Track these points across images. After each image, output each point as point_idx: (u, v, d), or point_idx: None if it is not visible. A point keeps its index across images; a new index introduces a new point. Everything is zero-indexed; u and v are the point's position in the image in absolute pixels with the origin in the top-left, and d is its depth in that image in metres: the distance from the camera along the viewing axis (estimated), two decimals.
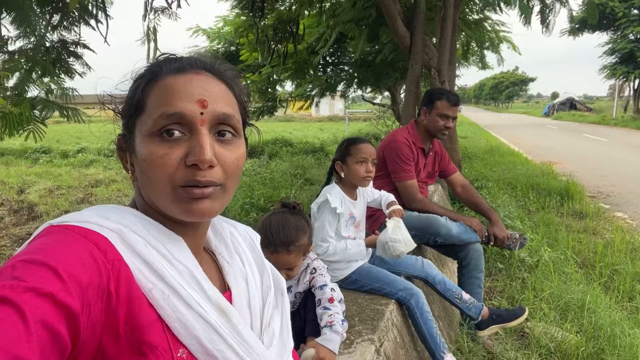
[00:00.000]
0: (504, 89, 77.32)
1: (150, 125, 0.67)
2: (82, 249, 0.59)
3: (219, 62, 0.76)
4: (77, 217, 0.65)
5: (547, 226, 5.17)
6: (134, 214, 0.71)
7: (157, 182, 0.67)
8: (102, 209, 0.69)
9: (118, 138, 0.75)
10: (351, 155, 2.18)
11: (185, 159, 0.66)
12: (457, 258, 2.88)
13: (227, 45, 11.35)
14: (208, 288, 0.70)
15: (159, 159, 0.66)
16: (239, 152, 0.73)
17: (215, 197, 0.70)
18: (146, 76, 0.71)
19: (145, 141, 0.67)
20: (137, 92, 0.70)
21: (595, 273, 3.90)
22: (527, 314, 2.61)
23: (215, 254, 0.84)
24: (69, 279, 0.53)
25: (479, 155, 11.18)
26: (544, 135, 21.23)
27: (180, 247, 0.71)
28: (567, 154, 13.31)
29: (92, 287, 0.56)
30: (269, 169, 10.01)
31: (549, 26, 6.66)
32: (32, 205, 8.74)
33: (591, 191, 8.01)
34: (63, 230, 0.61)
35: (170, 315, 0.64)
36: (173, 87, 0.68)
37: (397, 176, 2.90)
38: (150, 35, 4.05)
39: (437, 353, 2.08)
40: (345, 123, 27.49)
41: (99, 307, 0.57)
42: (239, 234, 0.90)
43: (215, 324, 0.67)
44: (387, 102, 15.77)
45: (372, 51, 8.49)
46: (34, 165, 14.49)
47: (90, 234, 0.62)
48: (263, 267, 0.89)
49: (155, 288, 0.64)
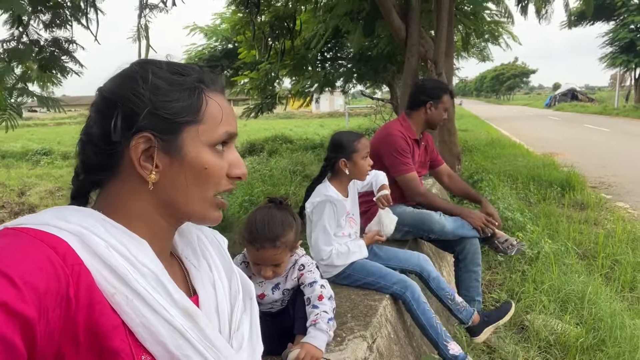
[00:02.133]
0: (505, 80, 76.96)
1: (211, 138, 0.72)
2: (39, 253, 0.56)
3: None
4: (34, 219, 0.62)
5: (548, 217, 5.13)
6: (95, 216, 0.68)
7: (206, 187, 0.72)
8: (61, 211, 0.66)
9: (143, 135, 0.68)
10: (357, 152, 2.14)
11: (229, 171, 0.74)
12: (453, 252, 2.85)
13: (224, 42, 11.32)
14: (174, 292, 0.67)
15: (219, 169, 0.73)
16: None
17: None
18: (198, 86, 0.73)
19: (204, 150, 0.71)
20: (192, 99, 0.71)
21: (596, 264, 3.87)
22: (513, 308, 2.59)
23: (182, 258, 0.82)
24: (25, 286, 0.51)
25: (480, 148, 11.12)
26: (545, 126, 21.13)
27: (144, 250, 0.68)
28: (568, 144, 13.23)
29: (50, 294, 0.54)
30: (268, 166, 9.99)
31: (544, 17, 6.60)
32: (33, 207, 8.75)
33: (593, 182, 7.95)
34: (18, 234, 0.58)
35: (134, 320, 0.62)
36: (227, 108, 0.76)
37: (397, 170, 2.84)
38: (141, 33, 4.01)
39: (441, 342, 2.06)
40: (345, 119, 27.43)
41: (57, 314, 0.55)
42: (206, 237, 0.88)
43: (181, 329, 0.65)
44: (386, 96, 15.72)
45: (369, 45, 8.44)
46: (35, 167, 14.51)
47: (48, 237, 0.59)
48: (231, 271, 0.87)
49: (117, 292, 0.61)
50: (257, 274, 1.51)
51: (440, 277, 2.38)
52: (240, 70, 10.83)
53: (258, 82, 10.38)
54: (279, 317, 1.58)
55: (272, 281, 1.56)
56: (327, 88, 11.17)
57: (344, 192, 2.21)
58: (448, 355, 2.03)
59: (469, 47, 10.14)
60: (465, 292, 2.75)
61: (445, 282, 2.39)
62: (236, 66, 10.64)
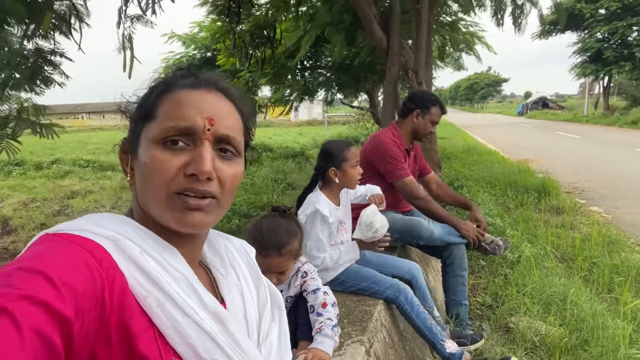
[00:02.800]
0: (479, 89, 78.70)
1: (157, 132, 0.69)
2: (77, 257, 0.58)
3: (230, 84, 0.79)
4: (71, 226, 0.64)
5: (526, 222, 5.27)
6: (128, 222, 0.70)
7: (155, 186, 0.68)
8: (97, 217, 0.68)
9: (123, 142, 0.76)
10: (347, 161, 2.18)
11: (185, 168, 0.68)
12: (440, 257, 2.90)
13: (203, 51, 11.27)
14: (204, 295, 0.69)
15: (159, 163, 0.67)
16: (237, 168, 0.75)
17: (209, 211, 0.71)
18: (160, 86, 0.74)
19: (150, 147, 0.69)
20: (149, 100, 0.72)
21: (575, 267, 3.99)
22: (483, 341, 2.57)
23: (210, 267, 0.84)
24: (64, 287, 0.53)
25: (457, 155, 11.34)
26: (519, 133, 21.66)
27: (176, 257, 0.70)
28: (542, 151, 13.60)
29: (87, 295, 0.56)
30: (249, 175, 9.95)
31: (520, 27, 6.81)
32: (6, 219, 8.49)
33: (567, 187, 8.19)
34: (57, 239, 0.61)
35: (165, 323, 0.64)
36: (185, 100, 0.71)
37: (394, 175, 2.88)
38: (125, 44, 3.99)
39: (437, 342, 2.10)
40: (325, 127, 27.55)
41: (92, 316, 0.56)
42: (234, 247, 0.89)
43: (211, 332, 0.67)
44: (365, 104, 15.88)
45: (349, 55, 8.54)
46: (7, 178, 14.09)
47: (85, 242, 0.61)
48: (259, 280, 0.89)
49: (150, 295, 0.63)
50: None
51: (427, 290, 2.43)
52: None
53: None
54: None
55: None
56: (307, 97, 11.22)
57: (336, 200, 2.24)
58: (445, 354, 2.08)
59: (444, 57, 10.35)
60: (453, 296, 2.81)
61: (429, 295, 2.43)
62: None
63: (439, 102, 3.08)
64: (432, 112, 3.01)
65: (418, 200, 2.89)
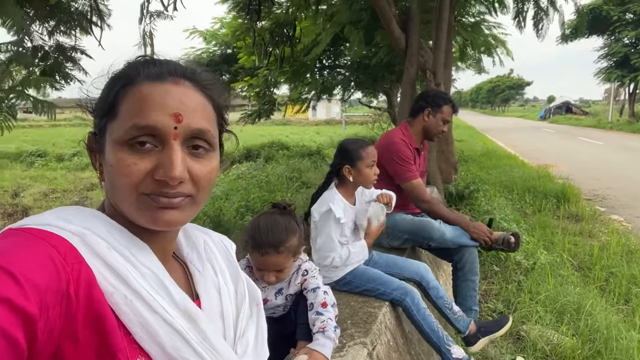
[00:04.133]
0: (500, 92, 77.51)
1: (121, 133, 0.65)
2: (40, 251, 0.56)
3: (200, 69, 0.73)
4: (37, 220, 0.63)
5: (543, 229, 5.16)
6: (98, 217, 0.68)
7: (123, 189, 0.65)
8: (65, 211, 0.67)
9: (88, 136, 0.73)
10: (362, 160, 2.16)
11: (153, 172, 0.64)
12: (451, 261, 2.85)
13: (223, 47, 11.34)
14: (175, 292, 0.67)
15: (126, 167, 0.64)
16: (211, 165, 0.71)
17: (183, 208, 0.68)
18: (121, 79, 0.68)
19: (115, 148, 0.65)
20: (110, 95, 0.68)
21: (591, 276, 3.89)
22: (510, 322, 2.56)
23: (187, 262, 0.82)
24: (27, 283, 0.51)
25: (476, 158, 11.19)
26: (540, 138, 21.29)
27: (146, 253, 0.68)
28: (563, 157, 13.33)
29: (51, 291, 0.54)
30: (265, 172, 9.99)
31: (541, 30, 6.67)
32: (26, 209, 8.70)
33: (587, 194, 8.01)
34: (21, 233, 0.59)
35: (132, 320, 0.62)
36: (148, 96, 0.65)
37: (402, 178, 2.84)
38: (146, 40, 4.02)
39: (443, 347, 2.06)
40: (342, 126, 27.50)
41: (57, 311, 0.55)
42: (213, 242, 0.87)
43: (181, 330, 0.65)
44: (383, 105, 15.79)
45: (368, 54, 8.48)
46: (29, 168, 14.43)
47: (50, 236, 0.60)
48: (238, 276, 0.86)
49: (117, 292, 0.61)
50: (260, 279, 1.51)
51: (439, 286, 2.39)
52: (238, 75, 10.85)
53: (257, 88, 10.40)
54: (281, 322, 1.58)
55: (275, 286, 1.56)
56: (324, 95, 11.20)
57: (351, 199, 2.22)
58: (452, 359, 2.04)
59: (465, 59, 10.21)
60: (462, 302, 2.75)
61: (443, 291, 2.40)
62: (234, 70, 10.65)
63: (451, 100, 3.03)
64: (443, 110, 2.97)
65: (425, 203, 2.85)
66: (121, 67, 0.71)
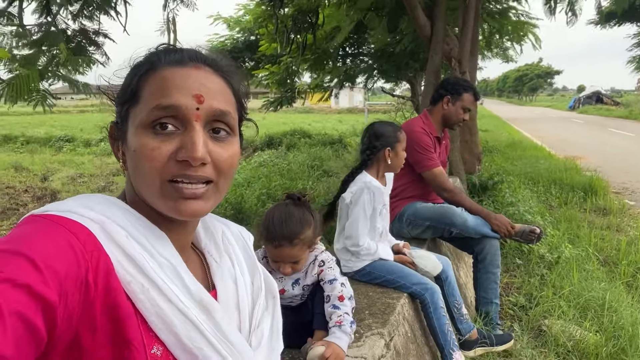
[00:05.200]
0: (528, 81, 75.53)
1: (144, 116, 0.66)
2: (61, 238, 0.57)
3: (220, 56, 0.74)
4: (59, 207, 0.63)
5: (569, 222, 5.04)
6: (118, 205, 0.69)
7: (146, 175, 0.66)
8: (86, 199, 0.67)
9: (110, 125, 0.74)
10: (400, 142, 2.21)
11: (176, 154, 0.65)
12: (472, 252, 2.81)
13: (247, 34, 11.32)
14: (190, 283, 0.68)
15: (149, 151, 0.65)
16: (232, 150, 0.71)
17: (207, 197, 0.69)
18: (144, 65, 0.69)
19: (138, 132, 0.66)
20: (132, 81, 0.69)
21: (617, 271, 3.79)
22: (512, 342, 2.52)
23: (204, 252, 0.82)
24: (46, 270, 0.52)
25: (500, 149, 10.98)
26: (568, 129, 20.74)
27: (164, 242, 0.69)
28: (591, 148, 12.96)
29: (70, 278, 0.55)
30: (286, 160, 10.02)
31: (575, 14, 6.43)
32: (55, 192, 8.94)
33: (615, 187, 7.78)
34: (42, 220, 0.60)
35: (149, 309, 0.63)
36: (170, 79, 0.66)
37: (423, 166, 2.81)
38: (170, 26, 4.05)
39: (447, 349, 2.05)
40: (365, 115, 27.30)
41: (76, 298, 0.56)
42: (231, 233, 0.88)
43: (195, 320, 0.65)
44: (407, 94, 15.57)
45: (391, 41, 8.35)
46: (58, 153, 14.81)
47: (70, 223, 0.60)
48: (255, 268, 0.87)
49: (134, 280, 0.62)
50: (276, 270, 1.52)
51: (456, 285, 2.36)
52: (261, 63, 10.84)
53: (278, 75, 10.38)
54: (298, 310, 1.59)
55: (292, 277, 1.56)
56: (347, 83, 11.11)
57: (382, 182, 2.23)
58: None
59: (492, 47, 9.96)
60: (484, 294, 2.72)
61: (457, 291, 2.37)
62: (257, 58, 10.64)
63: (472, 88, 2.96)
64: (463, 98, 2.90)
65: (446, 192, 2.81)
66: (142, 55, 0.72)
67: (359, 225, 2.06)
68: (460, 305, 2.34)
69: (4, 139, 16.99)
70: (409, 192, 2.88)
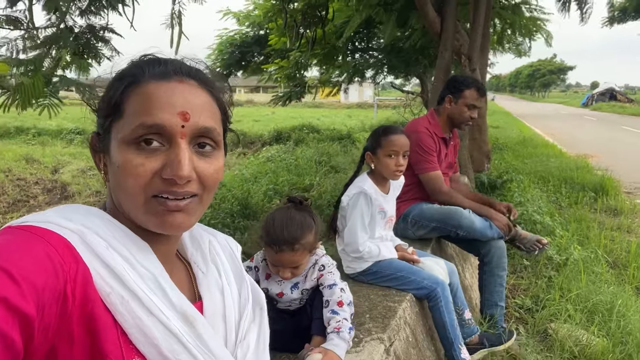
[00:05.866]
0: (541, 77, 74.62)
1: (127, 132, 0.65)
2: (39, 250, 0.56)
3: (204, 68, 0.74)
4: (37, 218, 0.63)
5: (579, 223, 4.97)
6: (99, 215, 0.68)
7: (130, 191, 0.65)
8: (66, 210, 0.67)
9: (92, 136, 0.73)
10: (381, 147, 2.10)
11: (161, 171, 0.64)
12: (478, 254, 2.77)
13: (256, 29, 11.29)
14: (172, 295, 0.66)
15: (133, 168, 0.64)
16: (218, 164, 0.71)
17: (191, 210, 0.68)
18: (126, 79, 0.68)
19: (121, 148, 0.65)
20: (115, 95, 0.67)
21: (627, 274, 3.72)
22: (514, 338, 2.48)
23: (190, 262, 0.81)
24: (24, 282, 0.51)
25: (511, 146, 10.86)
26: (580, 126, 20.47)
27: (146, 253, 0.68)
28: (603, 146, 12.77)
29: (48, 290, 0.54)
30: (294, 156, 9.99)
31: (585, 14, 6.31)
32: (65, 185, 9.01)
33: (627, 187, 7.66)
34: (20, 231, 0.59)
35: (129, 322, 0.61)
36: (154, 95, 0.65)
37: (421, 168, 2.78)
38: (174, 20, 4.02)
39: (456, 345, 2.03)
40: (374, 110, 27.17)
41: (53, 311, 0.55)
42: (218, 243, 0.87)
43: (177, 332, 0.64)
44: (416, 89, 15.46)
45: (401, 37, 8.27)
46: (69, 145, 14.93)
47: (49, 234, 0.59)
48: (242, 279, 0.86)
49: (113, 292, 0.61)
50: (276, 274, 1.50)
51: (460, 291, 2.33)
52: (270, 58, 10.81)
53: (287, 70, 10.35)
54: (296, 315, 1.57)
55: (292, 280, 1.54)
56: (356, 78, 11.05)
57: (383, 187, 2.17)
58: (459, 358, 2.02)
59: (504, 42, 9.82)
60: (489, 297, 2.69)
61: (462, 296, 2.34)
62: (266, 52, 10.62)
63: (474, 84, 2.86)
64: (465, 95, 2.82)
65: (442, 195, 2.77)
66: (124, 66, 0.70)
67: (357, 230, 2.03)
68: (463, 310, 2.31)
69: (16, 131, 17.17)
70: (414, 194, 2.85)
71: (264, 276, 1.57)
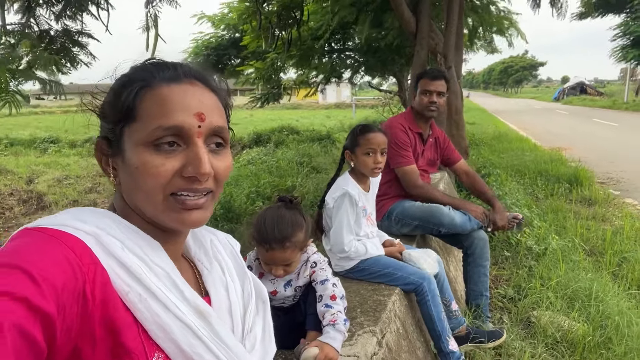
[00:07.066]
0: (513, 73, 76.13)
1: (144, 135, 0.67)
2: (57, 251, 0.58)
3: (207, 72, 0.77)
4: (52, 221, 0.64)
5: (556, 213, 5.11)
6: (111, 217, 0.70)
7: (149, 190, 0.67)
8: (79, 212, 0.68)
9: (98, 141, 0.74)
10: (359, 146, 2.13)
11: (181, 170, 0.67)
12: (461, 247, 2.84)
13: (232, 32, 11.25)
14: (186, 291, 0.69)
15: (153, 168, 0.66)
16: (228, 160, 0.75)
17: (207, 206, 0.72)
18: (136, 82, 0.69)
19: (139, 150, 0.67)
20: (127, 99, 0.69)
21: (603, 261, 3.85)
22: (504, 338, 2.51)
23: (195, 261, 0.84)
24: (44, 283, 0.52)
25: (487, 141, 11.07)
26: (553, 120, 20.97)
27: (158, 252, 0.70)
28: (576, 139, 13.13)
29: (67, 291, 0.55)
30: (275, 157, 10.00)
31: (560, 9, 6.50)
32: (40, 195, 8.81)
33: (600, 177, 7.90)
34: (37, 233, 0.60)
35: (148, 319, 0.64)
36: (169, 97, 0.68)
37: (396, 162, 2.83)
38: (150, 23, 4.00)
39: (444, 337, 2.07)
40: (352, 110, 27.32)
41: (74, 311, 0.56)
42: (219, 242, 0.90)
43: (193, 327, 0.67)
44: (394, 88, 15.62)
45: (377, 37, 8.37)
46: (43, 155, 14.59)
47: (66, 236, 0.61)
48: (244, 275, 0.89)
49: (132, 291, 0.63)
50: (268, 272, 1.52)
51: (447, 282, 2.38)
52: (246, 60, 10.78)
53: (263, 72, 10.34)
54: (290, 312, 1.59)
55: (284, 278, 1.57)
56: (333, 78, 11.11)
57: (364, 185, 2.21)
58: (447, 350, 2.06)
59: (476, 40, 10.02)
60: (474, 287, 2.76)
61: (449, 288, 2.39)
62: (243, 55, 10.59)
63: (425, 73, 3.01)
64: (420, 84, 2.94)
65: (417, 188, 2.83)
66: (129, 70, 0.72)
67: (343, 232, 2.06)
68: (450, 303, 2.36)
69: None
70: (395, 190, 2.90)
71: (257, 275, 1.59)
